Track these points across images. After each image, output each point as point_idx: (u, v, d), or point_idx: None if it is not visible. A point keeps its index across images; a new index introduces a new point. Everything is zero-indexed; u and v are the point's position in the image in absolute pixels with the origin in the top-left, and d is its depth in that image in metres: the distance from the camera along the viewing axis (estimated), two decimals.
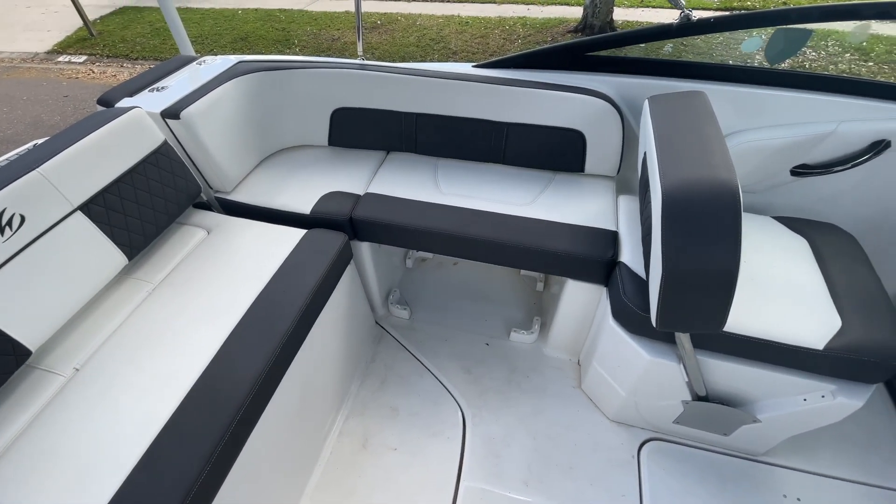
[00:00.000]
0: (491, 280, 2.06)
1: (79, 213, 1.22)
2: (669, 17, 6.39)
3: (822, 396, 1.18)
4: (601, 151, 1.62)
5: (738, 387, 1.27)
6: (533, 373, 1.72)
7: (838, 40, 5.24)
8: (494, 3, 7.12)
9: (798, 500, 1.38)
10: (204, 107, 1.53)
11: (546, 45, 1.57)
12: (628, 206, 1.55)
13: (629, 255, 1.38)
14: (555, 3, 6.87)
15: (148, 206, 1.37)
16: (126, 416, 1.04)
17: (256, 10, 7.22)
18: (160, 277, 1.36)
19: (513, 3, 7.07)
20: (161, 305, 1.28)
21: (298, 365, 1.27)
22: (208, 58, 1.82)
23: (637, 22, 6.00)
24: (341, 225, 1.55)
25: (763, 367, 1.20)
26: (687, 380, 1.27)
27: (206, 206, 1.68)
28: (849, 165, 1.46)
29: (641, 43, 1.44)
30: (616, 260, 1.39)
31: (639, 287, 1.28)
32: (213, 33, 6.36)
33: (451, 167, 1.76)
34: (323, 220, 1.55)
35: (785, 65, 4.73)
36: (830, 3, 1.23)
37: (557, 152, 1.67)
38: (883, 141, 1.41)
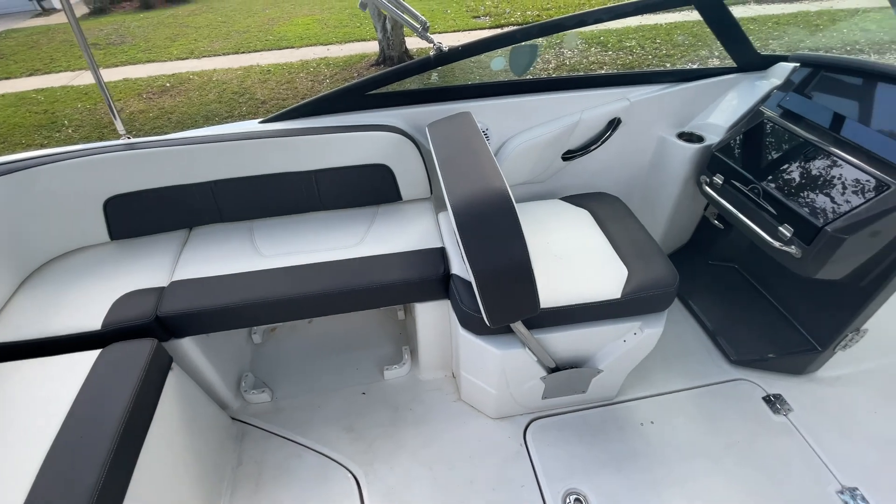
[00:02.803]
0: (352, 325, 2.00)
1: None
2: (457, 39, 7.15)
3: (634, 334, 1.41)
4: (410, 178, 1.70)
5: (576, 349, 1.44)
6: (415, 403, 1.71)
7: (584, 39, 6.49)
8: (293, 47, 7.10)
9: (651, 422, 1.61)
10: None
11: (329, 91, 1.60)
12: (447, 220, 1.65)
13: (458, 266, 1.46)
14: (352, 41, 7.15)
15: None
16: None
17: (3, 95, 5.99)
18: None
19: (311, 45, 7.14)
20: None
21: None
22: None
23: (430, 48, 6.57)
24: (147, 329, 1.33)
25: (587, 326, 1.38)
26: (536, 359, 1.39)
27: None
28: (599, 144, 1.78)
29: (408, 77, 1.55)
30: (449, 273, 1.46)
31: (472, 293, 1.36)
32: None
33: (268, 227, 1.66)
34: (121, 330, 1.31)
35: (553, 68, 5.67)
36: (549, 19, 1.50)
37: (371, 187, 1.70)
38: (615, 119, 1.76)
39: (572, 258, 1.43)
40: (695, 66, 1.70)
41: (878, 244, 1.29)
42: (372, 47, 6.67)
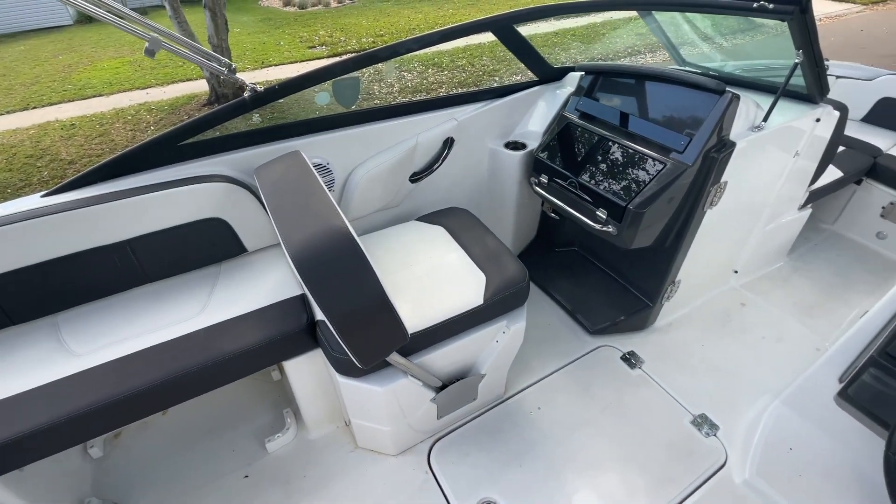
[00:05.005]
0: (218, 402, 1.76)
1: None
2: (295, 70, 6.96)
3: (504, 332, 1.49)
4: (252, 227, 1.57)
5: (457, 361, 1.47)
6: (309, 468, 1.57)
7: (421, 62, 6.85)
8: (102, 95, 6.17)
9: (539, 408, 1.72)
10: None
11: (130, 147, 1.39)
12: None
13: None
14: (175, 82, 6.48)
15: None
16: None
17: None
18: None
19: (126, 90, 6.30)
20: None
21: None
22: None
23: (266, 81, 6.29)
24: None
25: (462, 337, 1.42)
26: (421, 383, 1.39)
27: None
28: (440, 163, 1.87)
29: (221, 123, 1.43)
30: (315, 320, 1.38)
31: None
32: None
33: (79, 318, 1.38)
34: None
35: (398, 91, 5.85)
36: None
37: (207, 245, 1.52)
38: (449, 138, 1.86)
39: (434, 276, 1.46)
40: (509, 83, 1.92)
41: (670, 210, 1.57)
42: (199, 86, 6.13)
